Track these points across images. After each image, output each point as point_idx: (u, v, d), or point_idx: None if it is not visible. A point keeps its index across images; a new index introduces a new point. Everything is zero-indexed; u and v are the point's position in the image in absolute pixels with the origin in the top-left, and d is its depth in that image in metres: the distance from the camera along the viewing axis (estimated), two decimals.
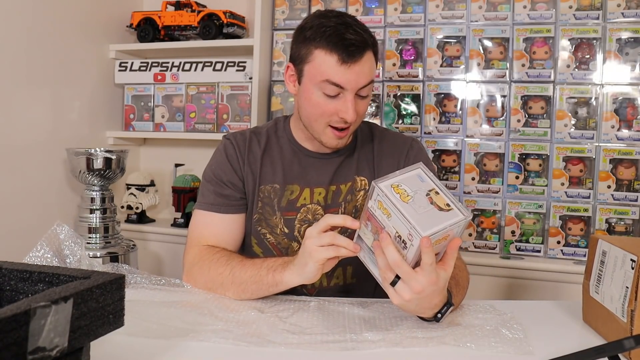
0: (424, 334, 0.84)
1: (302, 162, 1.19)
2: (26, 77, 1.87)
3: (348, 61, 1.03)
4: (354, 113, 1.06)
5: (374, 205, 0.81)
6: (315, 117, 1.09)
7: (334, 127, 1.09)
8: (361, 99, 1.09)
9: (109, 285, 0.60)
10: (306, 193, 1.17)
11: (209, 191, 1.16)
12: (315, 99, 1.07)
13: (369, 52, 1.06)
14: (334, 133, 1.10)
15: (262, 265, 1.01)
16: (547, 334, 0.88)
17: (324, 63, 1.04)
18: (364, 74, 1.05)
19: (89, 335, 0.57)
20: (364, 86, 1.07)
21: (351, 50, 1.03)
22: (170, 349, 0.78)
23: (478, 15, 1.85)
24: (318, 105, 1.08)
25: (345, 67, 1.03)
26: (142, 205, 2.17)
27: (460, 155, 1.86)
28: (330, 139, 1.11)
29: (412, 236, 0.77)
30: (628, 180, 1.74)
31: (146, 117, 2.24)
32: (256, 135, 1.21)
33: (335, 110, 1.07)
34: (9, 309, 0.49)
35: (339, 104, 1.06)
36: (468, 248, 1.86)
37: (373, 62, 1.09)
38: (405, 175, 0.83)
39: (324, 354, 0.79)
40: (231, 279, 1.02)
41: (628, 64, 1.73)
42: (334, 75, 1.04)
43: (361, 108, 1.10)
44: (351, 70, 1.03)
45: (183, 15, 2.14)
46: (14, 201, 1.83)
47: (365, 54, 1.05)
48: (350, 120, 1.06)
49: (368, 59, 1.06)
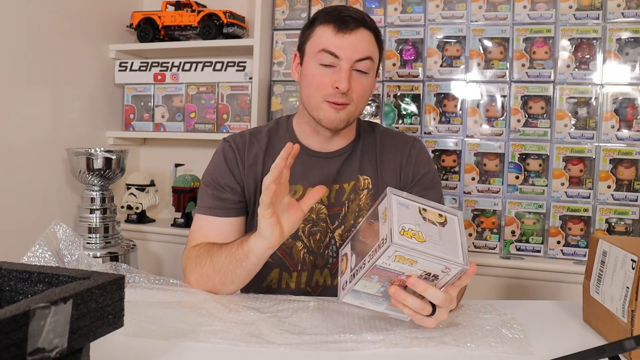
0: (424, 334, 0.84)
1: (305, 162, 1.18)
2: (26, 77, 1.87)
3: (343, 30, 1.07)
4: (348, 83, 1.06)
5: (387, 262, 0.77)
6: (313, 91, 1.11)
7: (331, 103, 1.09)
8: (359, 74, 1.09)
9: (109, 286, 0.60)
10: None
11: (207, 195, 1.16)
12: (313, 71, 1.10)
13: (366, 29, 1.09)
14: (330, 106, 1.09)
15: (234, 243, 1.03)
16: (547, 334, 0.88)
17: (322, 34, 1.09)
18: (360, 47, 1.08)
19: (88, 336, 0.57)
20: (360, 60, 1.08)
21: (346, 19, 1.07)
22: (169, 350, 0.78)
23: (478, 15, 1.85)
24: (314, 77, 1.10)
25: (340, 36, 1.07)
26: (142, 205, 2.17)
27: (460, 155, 1.86)
28: (327, 114, 1.10)
29: (449, 269, 0.77)
30: (628, 180, 1.74)
31: (146, 117, 2.24)
32: (256, 136, 1.21)
33: (330, 81, 1.08)
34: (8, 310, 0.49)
35: (334, 74, 1.08)
36: (468, 248, 1.85)
37: (372, 41, 1.11)
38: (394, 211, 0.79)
39: (324, 354, 0.79)
40: (212, 268, 1.03)
41: (628, 64, 1.73)
42: (329, 44, 1.08)
43: (360, 85, 1.10)
44: (345, 39, 1.07)
45: (183, 15, 2.14)
46: (13, 201, 1.83)
47: (360, 29, 1.08)
48: (343, 89, 1.06)
49: (365, 35, 1.09)
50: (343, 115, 1.10)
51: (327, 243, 1.17)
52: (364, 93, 1.11)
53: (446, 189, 1.87)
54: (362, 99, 1.12)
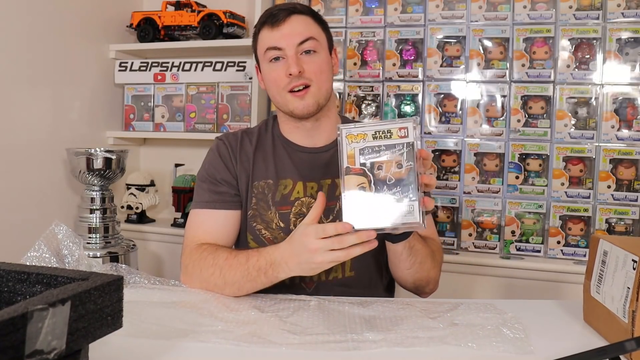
0: (425, 334, 0.84)
1: (293, 157, 1.22)
2: (26, 77, 1.87)
3: (276, 24, 1.13)
4: (297, 66, 1.11)
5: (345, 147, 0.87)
6: (274, 88, 1.16)
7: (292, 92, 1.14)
8: (308, 55, 1.14)
9: (107, 287, 0.60)
10: (299, 187, 1.19)
11: (203, 190, 1.19)
12: (268, 71, 1.16)
13: (299, 15, 1.15)
14: (293, 96, 1.14)
15: (249, 265, 1.01)
16: (548, 334, 0.88)
17: (263, 37, 1.16)
18: (297, 31, 1.13)
19: (87, 338, 0.57)
20: (302, 42, 1.13)
21: (275, 13, 1.14)
22: (170, 350, 0.78)
23: (478, 15, 1.85)
24: (270, 75, 1.16)
25: (276, 29, 1.14)
26: (142, 205, 2.17)
27: (460, 155, 1.86)
28: (294, 103, 1.14)
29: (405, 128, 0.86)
30: (628, 180, 1.73)
31: (146, 117, 2.24)
32: (247, 134, 1.25)
33: (283, 71, 1.13)
34: (6, 312, 0.49)
35: (284, 64, 1.13)
36: (468, 248, 1.85)
37: (309, 22, 1.16)
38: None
39: (325, 354, 0.79)
40: (223, 281, 1.04)
41: (628, 64, 1.73)
42: (269, 41, 1.14)
43: (312, 65, 1.14)
44: (281, 31, 1.13)
45: (183, 15, 2.14)
46: (13, 201, 1.83)
47: (292, 16, 1.14)
48: (294, 72, 1.10)
49: (299, 20, 1.14)
50: (309, 99, 1.14)
51: None
52: (319, 70, 1.15)
53: (446, 189, 1.87)
54: (321, 77, 1.15)
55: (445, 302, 1.04)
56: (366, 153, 0.85)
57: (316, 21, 1.18)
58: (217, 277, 1.04)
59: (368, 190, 0.84)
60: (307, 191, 1.18)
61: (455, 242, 1.86)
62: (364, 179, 0.84)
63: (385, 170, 0.84)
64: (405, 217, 0.83)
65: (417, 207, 0.82)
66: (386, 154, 0.84)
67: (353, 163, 0.85)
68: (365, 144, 0.85)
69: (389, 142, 0.84)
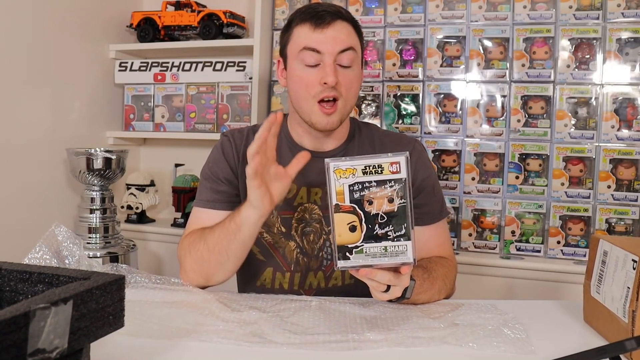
0: (426, 334, 0.84)
1: None
2: (26, 77, 1.87)
3: (320, 25, 1.07)
4: (334, 77, 1.06)
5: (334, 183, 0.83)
6: (302, 92, 1.10)
7: (321, 103, 1.09)
8: (344, 69, 1.09)
9: (109, 286, 0.60)
10: (303, 192, 1.17)
11: (205, 188, 1.18)
12: (299, 74, 1.10)
13: (343, 21, 1.10)
14: (321, 109, 1.09)
15: (226, 219, 1.04)
16: (548, 334, 0.88)
17: (300, 34, 1.10)
18: (340, 39, 1.08)
19: (88, 337, 0.57)
20: (342, 51, 1.08)
21: (321, 14, 1.08)
22: (171, 350, 0.78)
23: (478, 15, 1.85)
24: (301, 79, 1.10)
25: (319, 31, 1.07)
26: (142, 205, 2.17)
27: (460, 155, 1.86)
28: (319, 117, 1.10)
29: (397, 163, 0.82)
30: (628, 180, 1.73)
31: (146, 117, 2.24)
32: (254, 132, 1.21)
33: (317, 78, 1.08)
34: (9, 310, 0.49)
35: (320, 71, 1.08)
36: (468, 248, 1.86)
37: (351, 33, 1.11)
38: None
39: (326, 354, 0.79)
40: (206, 248, 1.04)
41: (628, 64, 1.73)
42: (309, 41, 1.08)
43: (346, 79, 1.10)
44: (324, 34, 1.07)
45: (183, 15, 2.14)
46: (13, 201, 1.83)
47: (337, 21, 1.08)
48: (331, 82, 1.06)
49: (343, 27, 1.09)
50: (334, 117, 1.10)
51: (321, 245, 1.17)
52: (351, 86, 1.11)
53: (446, 189, 1.87)
54: (350, 93, 1.12)
55: (447, 303, 1.04)
56: (356, 189, 0.81)
57: (356, 31, 1.13)
58: (202, 249, 1.04)
59: (359, 228, 0.81)
60: (310, 197, 1.17)
61: (455, 242, 1.86)
62: (355, 217, 0.81)
63: (377, 207, 0.80)
64: (399, 257, 0.81)
65: (409, 246, 0.80)
66: (377, 190, 0.80)
67: (342, 200, 0.81)
68: (354, 179, 0.81)
69: (379, 178, 0.80)
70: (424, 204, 1.16)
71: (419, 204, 1.15)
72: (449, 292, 1.12)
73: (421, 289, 0.98)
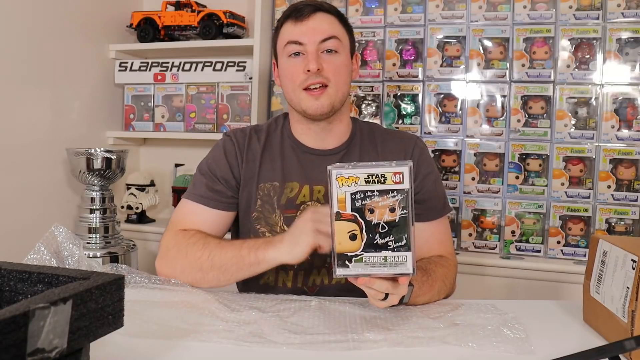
0: (426, 334, 0.84)
1: (301, 158, 1.19)
2: (26, 77, 1.87)
3: (300, 18, 1.12)
4: (316, 62, 1.09)
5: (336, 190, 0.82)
6: (289, 84, 1.14)
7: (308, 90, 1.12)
8: (329, 54, 1.12)
9: (109, 286, 0.60)
10: (305, 190, 1.17)
11: (201, 183, 1.17)
12: (285, 66, 1.14)
13: (325, 13, 1.14)
14: (309, 94, 1.12)
15: (243, 246, 1.02)
16: (547, 334, 0.88)
17: (285, 31, 1.15)
18: (321, 29, 1.12)
19: (88, 336, 0.57)
20: (325, 40, 1.11)
21: (301, 9, 1.13)
22: (170, 350, 0.78)
23: (478, 15, 1.85)
24: (287, 70, 1.14)
25: (299, 24, 1.12)
26: (142, 205, 2.17)
27: (460, 155, 1.86)
28: (308, 102, 1.12)
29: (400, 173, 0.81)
30: (628, 180, 1.73)
31: (146, 117, 2.24)
32: (256, 132, 1.22)
33: (301, 67, 1.11)
34: (8, 310, 0.49)
35: (304, 60, 1.11)
36: (468, 248, 1.85)
37: (334, 23, 1.14)
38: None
39: (326, 354, 0.79)
40: (210, 264, 1.02)
41: (628, 64, 1.73)
42: (291, 35, 1.13)
43: (332, 65, 1.12)
44: (305, 25, 1.12)
45: (183, 15, 2.14)
46: (13, 201, 1.83)
47: (318, 13, 1.13)
48: (313, 69, 1.09)
49: (324, 18, 1.13)
50: (324, 100, 1.12)
51: None
52: (338, 71, 1.13)
53: (446, 189, 1.87)
54: (339, 79, 1.13)
55: (446, 303, 1.04)
56: (358, 198, 0.81)
57: (341, 22, 1.16)
58: (204, 261, 1.03)
59: (359, 237, 0.81)
60: (313, 195, 1.17)
61: (456, 242, 1.86)
62: (355, 226, 0.81)
63: (378, 217, 0.80)
64: (398, 267, 0.80)
65: (409, 257, 0.80)
66: (379, 200, 0.80)
67: (344, 208, 0.81)
68: (357, 187, 0.80)
69: (382, 188, 0.80)
70: (426, 199, 1.17)
71: (421, 199, 1.15)
72: (449, 292, 1.12)
73: (420, 292, 0.98)
